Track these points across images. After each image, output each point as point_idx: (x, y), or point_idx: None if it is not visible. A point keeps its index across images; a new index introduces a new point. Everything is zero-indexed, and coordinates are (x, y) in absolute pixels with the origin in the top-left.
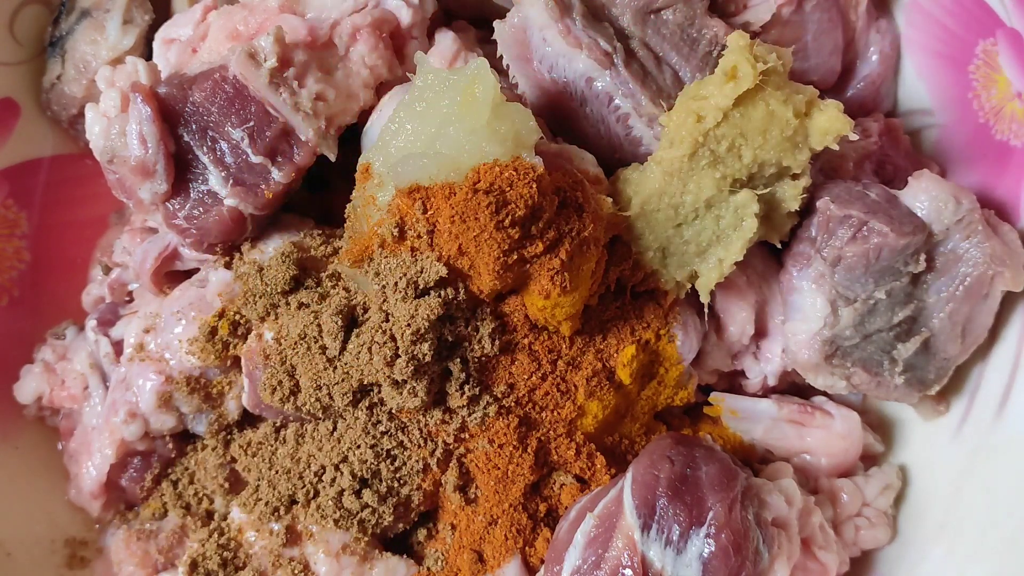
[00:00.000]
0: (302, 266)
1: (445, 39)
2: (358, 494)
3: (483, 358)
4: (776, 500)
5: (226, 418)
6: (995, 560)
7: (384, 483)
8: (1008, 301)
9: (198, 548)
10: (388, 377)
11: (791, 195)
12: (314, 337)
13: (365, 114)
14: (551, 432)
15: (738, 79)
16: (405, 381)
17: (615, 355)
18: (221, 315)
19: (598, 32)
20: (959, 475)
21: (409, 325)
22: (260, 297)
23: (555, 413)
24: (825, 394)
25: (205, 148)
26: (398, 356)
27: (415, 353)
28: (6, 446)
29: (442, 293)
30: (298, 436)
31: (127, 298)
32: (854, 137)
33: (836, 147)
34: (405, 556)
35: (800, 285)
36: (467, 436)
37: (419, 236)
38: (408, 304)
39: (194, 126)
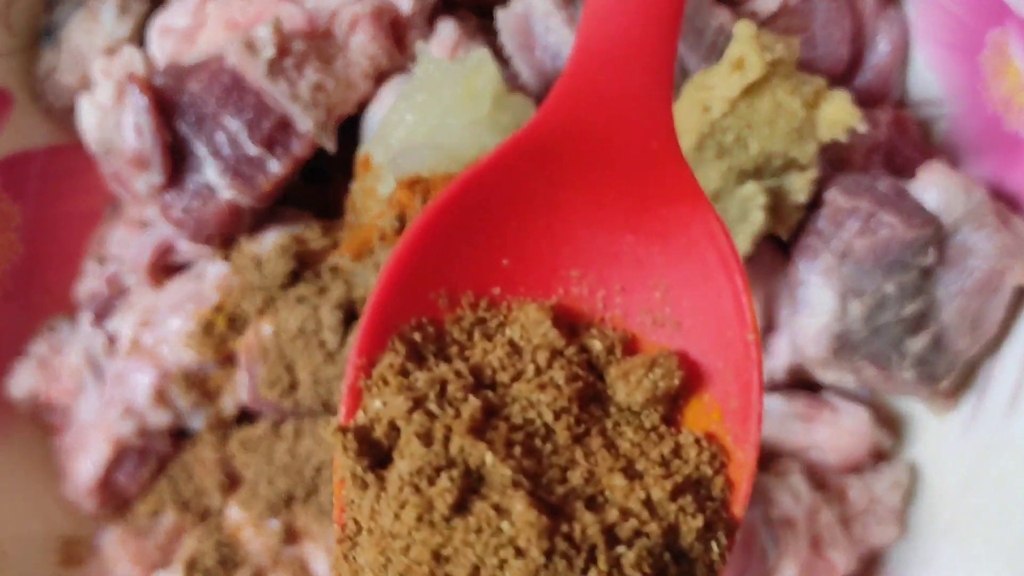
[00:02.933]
0: (301, 259)
1: (446, 28)
2: None
3: None
4: (783, 497)
5: (223, 414)
6: (1007, 558)
7: None
8: (1020, 295)
9: (195, 546)
10: None
11: (798, 187)
12: (313, 331)
13: (364, 104)
14: None
15: (745, 69)
16: None
17: None
18: (218, 309)
19: None
20: (970, 471)
21: None
22: (258, 291)
23: None
24: (833, 389)
25: (202, 139)
26: None
27: None
28: None
29: None
30: (297, 432)
31: (122, 292)
32: (863, 128)
33: (845, 139)
34: None
35: (808, 279)
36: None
37: None
38: None
39: (191, 117)
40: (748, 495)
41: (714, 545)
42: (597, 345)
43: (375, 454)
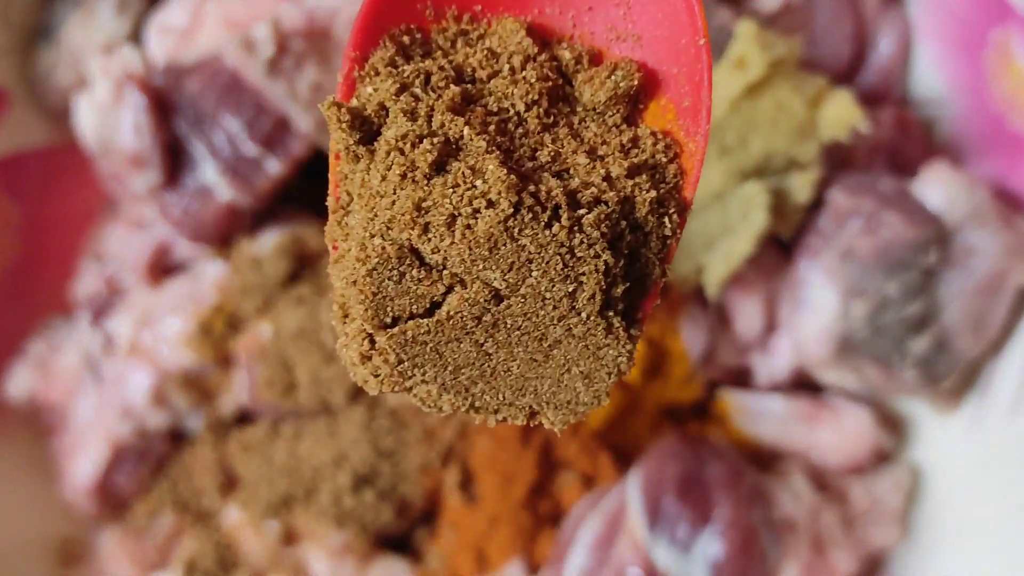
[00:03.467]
0: (300, 259)
1: None
2: (357, 492)
3: None
4: (784, 498)
5: (222, 414)
6: (1010, 559)
7: (384, 481)
8: (1022, 295)
9: (194, 547)
10: None
11: (800, 187)
12: (312, 331)
13: None
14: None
15: (747, 68)
16: None
17: None
18: (217, 309)
19: None
20: (973, 473)
21: None
22: (257, 291)
23: None
24: (836, 390)
25: (200, 139)
26: None
27: None
28: None
29: None
30: (296, 433)
31: (120, 291)
32: (865, 128)
33: (847, 138)
34: (405, 556)
35: (809, 278)
36: (469, 433)
37: None
38: None
39: (189, 116)
40: (697, 180)
41: (667, 221)
42: (567, 55)
43: (366, 132)
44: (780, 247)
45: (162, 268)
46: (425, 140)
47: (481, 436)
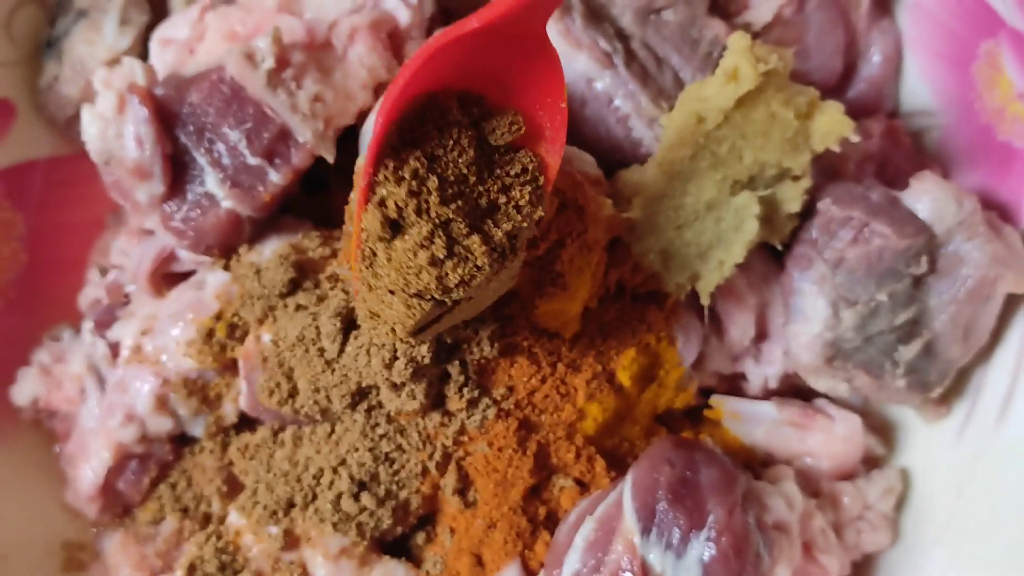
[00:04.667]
0: (300, 268)
1: None
2: (356, 497)
3: (482, 361)
4: (777, 503)
5: (223, 421)
6: (998, 565)
7: (383, 486)
8: (1010, 303)
9: (196, 552)
10: (386, 379)
11: (792, 196)
12: (312, 339)
13: (363, 115)
14: (551, 435)
15: (739, 80)
16: (404, 384)
17: (615, 357)
18: (218, 317)
19: (598, 32)
20: (961, 479)
21: None
22: (258, 299)
23: (555, 416)
24: (826, 397)
25: (202, 150)
26: (396, 358)
27: (413, 355)
28: (2, 449)
29: None
30: (296, 439)
31: (124, 300)
32: (855, 139)
33: (837, 149)
34: (404, 560)
35: (801, 287)
36: (466, 439)
37: None
38: None
39: (191, 128)
40: (553, 181)
41: (540, 209)
42: (481, 111)
43: (393, 227)
44: (772, 256)
45: (165, 277)
46: (436, 237)
47: (478, 442)
